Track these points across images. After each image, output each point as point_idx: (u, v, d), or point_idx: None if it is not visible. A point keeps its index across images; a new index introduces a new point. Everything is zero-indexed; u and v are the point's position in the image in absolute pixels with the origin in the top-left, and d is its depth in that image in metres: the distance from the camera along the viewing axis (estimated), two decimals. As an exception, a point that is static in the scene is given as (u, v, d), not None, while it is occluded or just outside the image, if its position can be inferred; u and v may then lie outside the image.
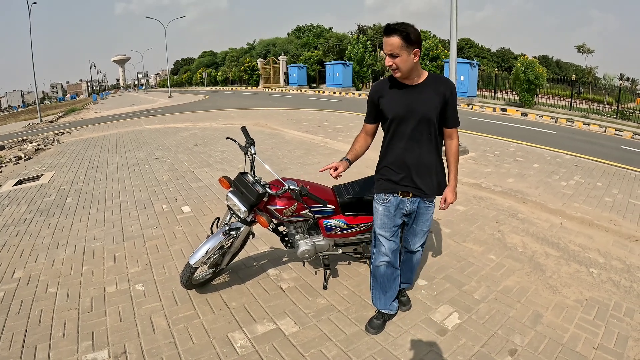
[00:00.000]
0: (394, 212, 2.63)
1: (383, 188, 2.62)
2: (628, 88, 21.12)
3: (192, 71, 67.09)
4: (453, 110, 2.51)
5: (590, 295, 3.28)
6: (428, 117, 2.43)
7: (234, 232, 2.97)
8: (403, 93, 2.47)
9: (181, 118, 16.45)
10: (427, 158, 2.52)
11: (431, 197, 2.62)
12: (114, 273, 3.62)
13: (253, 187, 2.86)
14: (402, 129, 2.49)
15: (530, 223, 4.82)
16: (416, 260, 2.92)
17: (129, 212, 5.18)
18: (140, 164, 7.93)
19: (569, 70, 51.28)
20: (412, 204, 2.61)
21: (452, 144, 2.62)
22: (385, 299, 2.81)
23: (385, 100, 2.53)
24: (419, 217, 2.69)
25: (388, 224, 2.64)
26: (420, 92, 2.44)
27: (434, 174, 2.57)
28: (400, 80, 2.45)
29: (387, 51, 2.31)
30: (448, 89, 2.45)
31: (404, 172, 2.54)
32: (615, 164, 8.46)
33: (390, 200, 2.61)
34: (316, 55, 38.64)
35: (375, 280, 2.80)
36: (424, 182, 2.54)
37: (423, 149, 2.50)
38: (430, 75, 2.51)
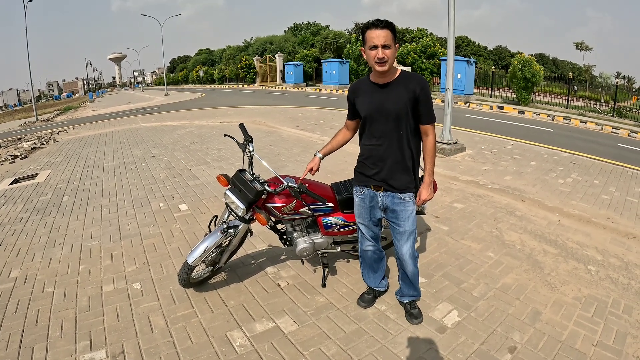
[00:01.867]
0: (369, 204, 2.75)
1: (357, 181, 2.78)
2: (624, 86, 21.12)
3: (188, 69, 66.84)
4: (426, 106, 2.53)
5: (589, 292, 3.28)
6: (398, 114, 2.49)
7: (232, 230, 2.96)
8: (375, 92, 2.55)
9: (178, 116, 16.38)
10: (398, 155, 2.57)
11: (403, 192, 2.64)
12: (111, 272, 3.60)
13: (251, 184, 2.85)
14: (374, 126, 2.58)
15: (528, 220, 4.82)
16: (411, 273, 2.84)
17: (126, 210, 5.16)
18: (136, 162, 7.89)
19: (566, 68, 51.37)
20: (384, 198, 2.67)
21: (427, 140, 2.63)
22: (375, 277, 3.04)
23: (359, 100, 2.65)
24: (398, 215, 2.69)
25: (364, 214, 2.80)
26: (390, 90, 2.51)
27: (406, 171, 2.61)
28: (377, 77, 2.53)
29: (380, 43, 2.34)
30: (418, 85, 2.48)
31: (376, 168, 2.63)
32: (612, 162, 8.51)
33: (365, 192, 2.74)
34: (313, 52, 38.58)
35: (364, 261, 3.01)
36: (395, 178, 2.60)
37: (394, 146, 2.56)
38: (402, 72, 2.56)
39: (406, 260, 2.76)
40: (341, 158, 7.66)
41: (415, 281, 2.89)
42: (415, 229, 2.77)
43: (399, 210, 2.67)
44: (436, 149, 2.75)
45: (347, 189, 3.20)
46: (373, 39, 2.36)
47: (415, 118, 2.56)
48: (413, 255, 2.78)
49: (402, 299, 3.01)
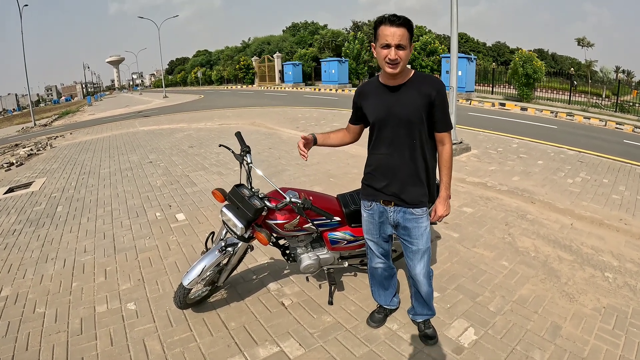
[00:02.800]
0: (379, 220, 2.50)
1: (365, 194, 2.53)
2: (624, 80, 20.95)
3: (186, 71, 66.56)
4: (442, 112, 2.27)
5: (608, 302, 3.13)
6: (410, 120, 2.24)
7: (231, 248, 2.74)
8: (385, 95, 2.30)
9: (176, 119, 16.18)
10: (410, 165, 2.32)
11: (416, 207, 2.38)
12: (105, 290, 3.40)
13: (250, 201, 2.61)
14: (384, 133, 2.33)
15: (540, 224, 4.66)
16: (425, 293, 2.61)
17: (121, 221, 4.95)
18: (133, 168, 7.70)
19: (565, 63, 51.12)
20: (395, 213, 2.43)
21: (442, 150, 2.38)
22: (385, 295, 2.80)
23: (367, 103, 2.39)
24: (410, 233, 2.44)
25: (373, 230, 2.56)
26: (402, 93, 2.25)
27: (419, 183, 2.36)
28: (388, 79, 2.27)
29: (394, 42, 2.08)
30: (434, 89, 2.22)
31: (386, 180, 2.37)
32: (619, 159, 8.35)
33: (374, 207, 2.49)
34: (311, 52, 38.36)
35: (373, 279, 2.79)
36: (407, 192, 2.35)
37: (407, 155, 2.30)
38: (416, 74, 2.30)
39: (420, 280, 2.54)
40: (343, 160, 7.50)
41: (429, 300, 2.66)
42: (430, 246, 2.52)
43: (411, 227, 2.42)
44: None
45: (355, 201, 2.98)
46: (386, 36, 2.09)
47: (430, 125, 2.30)
48: (428, 274, 2.55)
49: (415, 318, 2.79)
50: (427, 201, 2.42)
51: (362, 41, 31.83)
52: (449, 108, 8.19)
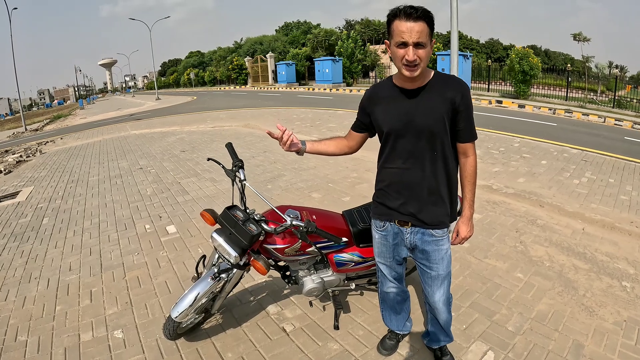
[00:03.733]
0: (393, 242, 2.20)
1: (378, 213, 2.20)
2: (617, 75, 20.85)
3: (179, 72, 66.05)
4: (467, 120, 1.96)
5: (628, 315, 2.96)
6: (431, 130, 1.92)
7: (225, 274, 2.42)
8: (402, 100, 1.97)
9: (168, 121, 15.85)
10: (431, 181, 2.01)
11: (436, 228, 2.08)
12: (90, 315, 3.11)
13: (245, 226, 2.27)
14: (400, 144, 2.00)
15: (552, 230, 4.46)
16: (444, 321, 2.33)
17: (108, 234, 4.66)
18: (122, 175, 7.40)
19: (558, 59, 51.26)
20: (412, 235, 2.12)
21: (466, 162, 2.07)
22: (398, 320, 2.52)
23: (379, 110, 2.05)
24: (429, 256, 2.14)
25: (386, 253, 2.26)
26: (422, 98, 1.93)
27: (440, 201, 2.06)
28: (404, 81, 1.94)
29: (412, 39, 1.74)
30: (458, 92, 1.90)
31: (402, 198, 2.07)
32: (622, 157, 8.20)
33: (387, 228, 2.18)
34: (304, 51, 38.10)
35: (385, 303, 2.50)
36: (426, 211, 2.05)
37: (427, 169, 1.99)
38: (437, 75, 1.97)
39: (439, 308, 2.25)
40: (342, 164, 7.24)
41: (447, 328, 2.37)
42: (450, 270, 2.22)
43: (430, 250, 2.12)
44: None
45: (363, 218, 2.69)
46: (403, 33, 1.75)
47: (453, 134, 2.00)
48: (447, 301, 2.27)
49: (430, 345, 2.51)
50: (449, 221, 2.13)
51: (356, 40, 31.62)
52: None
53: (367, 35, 46.56)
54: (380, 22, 49.61)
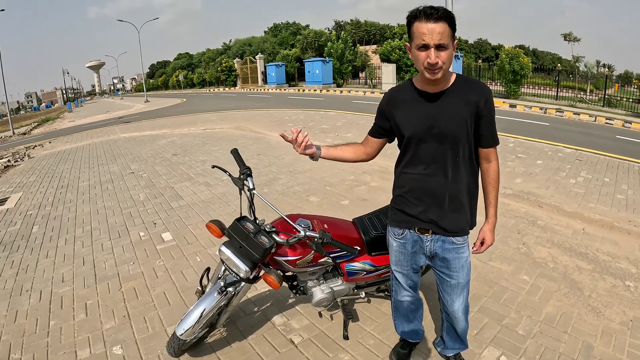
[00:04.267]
0: (412, 249, 2.13)
1: (396, 220, 2.13)
2: (606, 74, 21.10)
3: (168, 74, 65.38)
4: (489, 125, 1.92)
5: (634, 314, 2.98)
6: (455, 134, 1.88)
7: (232, 288, 2.30)
8: (423, 104, 1.91)
9: (158, 124, 15.62)
10: (452, 187, 1.96)
11: (457, 236, 2.04)
12: (86, 330, 2.96)
13: (256, 238, 2.16)
14: (422, 150, 1.95)
15: (553, 231, 4.47)
16: (461, 329, 2.29)
17: (102, 243, 4.50)
18: (114, 180, 7.23)
19: (546, 59, 51.76)
20: (432, 243, 2.06)
21: (489, 168, 2.02)
22: (410, 329, 2.46)
23: (400, 114, 1.98)
24: (449, 265, 2.09)
25: (404, 262, 2.19)
26: (445, 102, 1.88)
27: (461, 208, 2.01)
28: (426, 84, 1.88)
29: (433, 42, 1.69)
30: (482, 96, 1.85)
31: (423, 205, 2.01)
32: (616, 156, 8.29)
33: (406, 235, 2.11)
34: (294, 52, 37.94)
35: (397, 311, 2.44)
36: (447, 218, 1.99)
37: (448, 175, 1.94)
38: (459, 78, 1.93)
39: (458, 317, 2.20)
40: (338, 166, 7.16)
41: (464, 335, 2.34)
42: (470, 279, 2.17)
43: (451, 258, 2.06)
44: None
45: (375, 225, 2.61)
46: (423, 35, 1.69)
47: (474, 139, 1.94)
48: (466, 309, 2.21)
49: (444, 352, 2.47)
50: (469, 228, 2.07)
51: (346, 40, 31.56)
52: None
53: (358, 35, 46.57)
54: (370, 23, 49.68)
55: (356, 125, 11.65)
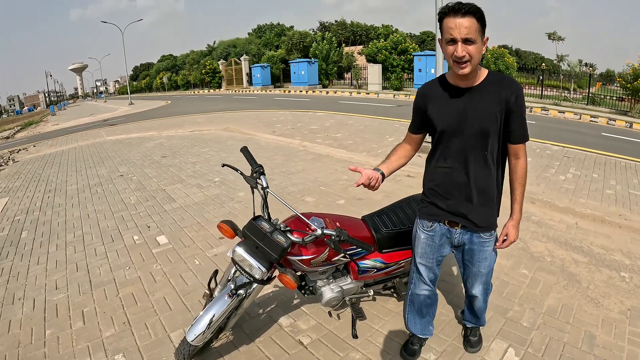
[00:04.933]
0: (439, 242, 2.20)
1: (427, 213, 2.18)
2: (589, 73, 21.53)
3: (151, 76, 64.50)
4: (520, 121, 1.96)
5: (631, 303, 3.10)
6: (486, 129, 1.93)
7: (243, 290, 2.24)
8: (455, 99, 1.97)
9: (144, 126, 15.41)
10: (482, 182, 2.01)
11: (485, 231, 2.11)
12: (85, 339, 2.85)
13: (273, 237, 2.11)
14: (453, 144, 2.00)
15: (547, 226, 4.56)
16: (479, 307, 2.43)
17: (95, 248, 4.38)
18: (103, 183, 7.08)
19: (528, 58, 52.43)
20: (461, 235, 2.14)
21: (517, 164, 2.06)
22: (422, 324, 2.51)
23: (433, 108, 2.04)
24: (473, 256, 2.18)
25: (430, 254, 2.25)
26: (476, 97, 1.93)
27: (489, 202, 2.07)
28: (458, 79, 1.95)
29: (461, 35, 1.75)
30: (513, 93, 1.90)
31: (452, 198, 2.07)
32: (603, 153, 8.50)
33: (435, 228, 2.18)
34: (279, 54, 37.86)
35: (412, 306, 2.48)
36: (476, 212, 2.05)
37: (478, 170, 2.00)
38: (491, 74, 1.97)
39: (477, 299, 2.37)
40: (330, 166, 7.16)
41: (481, 314, 2.50)
42: (493, 268, 2.27)
43: (476, 250, 2.16)
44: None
45: (385, 223, 2.61)
46: (451, 30, 1.77)
47: (505, 135, 1.99)
48: (485, 292, 2.35)
49: (464, 322, 2.64)
50: (496, 223, 2.14)
51: (331, 41, 31.60)
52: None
53: (343, 36, 46.72)
54: (355, 24, 49.87)
55: (345, 126, 11.67)
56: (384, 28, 42.05)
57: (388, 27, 42.06)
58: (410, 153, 2.29)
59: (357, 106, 17.38)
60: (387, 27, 42.33)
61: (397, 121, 12.57)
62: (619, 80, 16.22)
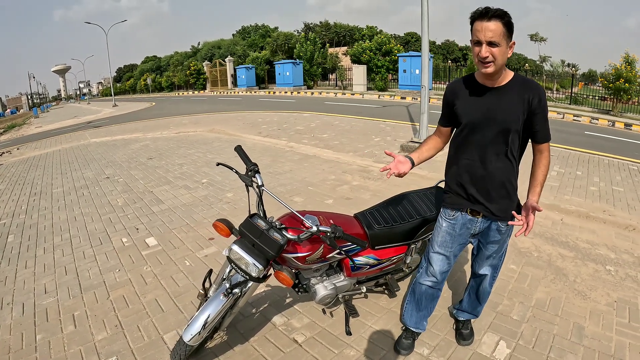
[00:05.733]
0: (460, 231, 2.33)
1: (451, 203, 2.32)
2: (572, 73, 21.97)
3: (135, 78, 63.69)
4: (542, 121, 2.10)
5: (617, 295, 3.21)
6: (508, 126, 2.07)
7: (238, 289, 2.24)
8: (482, 96, 2.12)
9: (129, 128, 15.22)
10: (502, 174, 2.16)
11: (503, 221, 2.24)
12: (77, 342, 2.80)
13: (270, 235, 2.12)
14: (476, 137, 2.16)
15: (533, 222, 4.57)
16: (483, 290, 2.55)
17: (83, 250, 4.31)
18: (89, 185, 6.98)
19: (511, 59, 53.18)
20: (482, 224, 2.29)
21: (541, 157, 2.18)
22: (417, 317, 2.59)
23: (461, 102, 2.19)
24: (487, 241, 2.34)
25: (449, 242, 2.36)
26: (502, 96, 2.08)
27: (509, 194, 2.21)
28: (485, 79, 2.10)
29: (486, 38, 1.90)
30: (536, 95, 2.03)
31: (475, 188, 2.21)
32: (586, 151, 8.69)
33: (457, 217, 2.31)
34: (264, 55, 37.76)
35: (412, 295, 2.57)
36: (497, 203, 2.21)
37: (499, 163, 2.14)
38: (516, 76, 2.11)
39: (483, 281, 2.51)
40: (317, 166, 7.19)
41: (482, 300, 2.61)
42: (504, 253, 2.44)
43: (493, 238, 2.31)
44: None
45: (378, 220, 2.65)
46: (478, 32, 1.92)
47: (527, 133, 2.13)
48: (493, 275, 2.49)
49: (457, 315, 2.74)
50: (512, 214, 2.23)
51: (315, 42, 31.62)
52: (422, 107, 8.09)
53: (327, 37, 46.79)
54: (339, 25, 49.96)
55: (331, 126, 11.69)
56: (369, 29, 42.25)
57: (372, 28, 42.28)
58: (440, 145, 2.42)
59: (342, 107, 17.43)
60: (372, 28, 42.54)
61: (382, 121, 12.65)
62: (601, 80, 16.61)
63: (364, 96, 23.04)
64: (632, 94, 15.64)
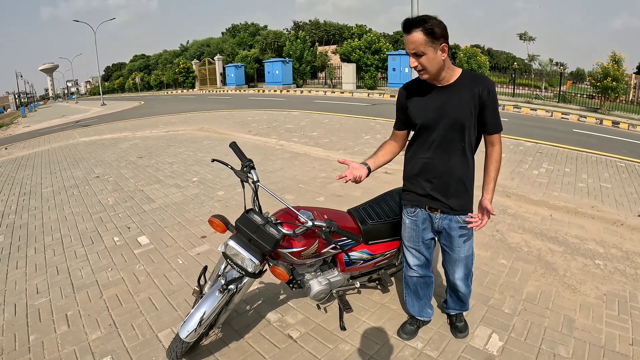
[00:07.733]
0: (422, 226, 2.40)
1: (410, 200, 2.39)
2: (560, 72, 22.19)
3: (124, 76, 63.06)
4: (493, 113, 2.14)
5: (606, 289, 3.27)
6: (461, 122, 2.12)
7: (234, 285, 2.25)
8: (433, 95, 2.16)
9: (118, 127, 15.08)
10: (458, 170, 2.21)
11: (462, 215, 2.28)
12: (71, 342, 2.77)
13: (266, 230, 2.12)
14: (432, 136, 2.19)
15: (523, 218, 4.72)
16: (463, 292, 2.58)
17: (74, 250, 4.27)
18: (79, 185, 6.91)
19: (500, 58, 53.70)
20: (441, 221, 2.33)
21: (493, 150, 2.23)
22: (420, 305, 2.67)
23: (413, 104, 2.23)
24: (452, 240, 2.36)
25: (415, 237, 2.45)
26: (452, 93, 2.12)
27: (465, 189, 2.27)
28: (430, 81, 2.14)
29: (410, 50, 1.99)
30: (485, 88, 2.08)
31: (432, 185, 2.26)
32: (574, 148, 8.78)
33: (417, 213, 2.38)
34: (253, 53, 37.61)
35: (407, 287, 2.67)
36: (454, 197, 2.25)
37: (455, 159, 2.19)
38: (465, 73, 2.16)
39: (458, 284, 2.52)
40: (308, 164, 7.20)
41: (465, 299, 2.65)
42: (472, 252, 2.45)
43: (454, 235, 2.33)
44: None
45: (371, 215, 2.68)
46: (405, 45, 2.01)
47: (480, 126, 2.18)
48: (466, 277, 2.51)
49: (448, 311, 2.78)
50: (471, 208, 2.28)
51: (304, 40, 31.58)
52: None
53: (317, 36, 46.76)
54: (329, 23, 49.95)
55: (320, 125, 11.72)
56: (358, 28, 42.34)
57: (362, 27, 42.37)
58: (396, 149, 2.44)
59: (331, 105, 17.46)
60: (361, 26, 42.63)
61: (371, 119, 12.71)
62: (589, 78, 16.84)
63: (353, 94, 23.08)
64: (619, 92, 15.90)
